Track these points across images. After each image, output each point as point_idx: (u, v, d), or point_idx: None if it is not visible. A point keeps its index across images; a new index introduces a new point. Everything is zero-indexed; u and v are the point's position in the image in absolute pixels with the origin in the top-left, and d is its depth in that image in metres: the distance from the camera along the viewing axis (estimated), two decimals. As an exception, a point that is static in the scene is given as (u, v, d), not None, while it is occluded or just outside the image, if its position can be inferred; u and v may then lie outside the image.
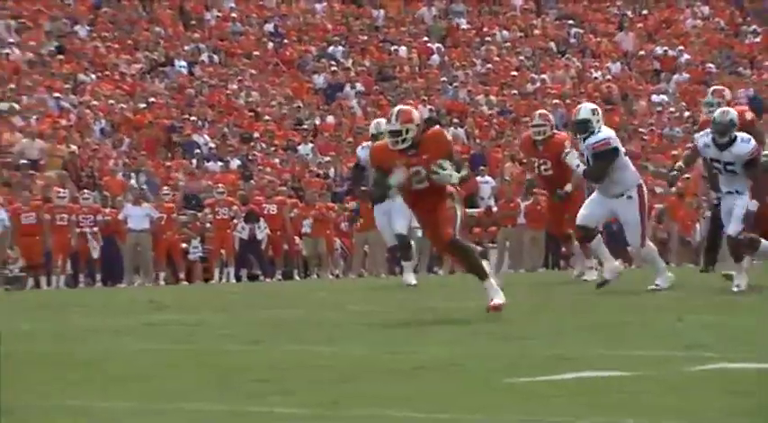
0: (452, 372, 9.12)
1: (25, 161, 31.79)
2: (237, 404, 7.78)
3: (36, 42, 38.89)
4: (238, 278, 31.82)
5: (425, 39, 46.26)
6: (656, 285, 17.44)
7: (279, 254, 32.62)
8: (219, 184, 32.78)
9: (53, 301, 22.83)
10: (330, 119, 40.22)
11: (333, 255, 32.95)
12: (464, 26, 47.87)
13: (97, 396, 8.42)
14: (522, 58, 46.71)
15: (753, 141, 16.86)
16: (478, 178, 35.37)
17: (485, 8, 49.24)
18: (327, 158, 37.41)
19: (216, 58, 42.57)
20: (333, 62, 43.93)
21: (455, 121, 40.98)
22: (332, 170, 36.75)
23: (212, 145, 37.07)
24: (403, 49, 45.27)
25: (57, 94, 36.19)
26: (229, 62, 42.52)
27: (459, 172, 13.10)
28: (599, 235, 17.96)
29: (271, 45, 43.98)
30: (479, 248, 22.20)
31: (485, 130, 41.12)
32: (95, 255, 30.31)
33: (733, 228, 16.77)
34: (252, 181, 34.22)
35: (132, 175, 33.39)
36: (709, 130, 16.79)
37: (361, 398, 7.82)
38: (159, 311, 17.63)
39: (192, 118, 38.44)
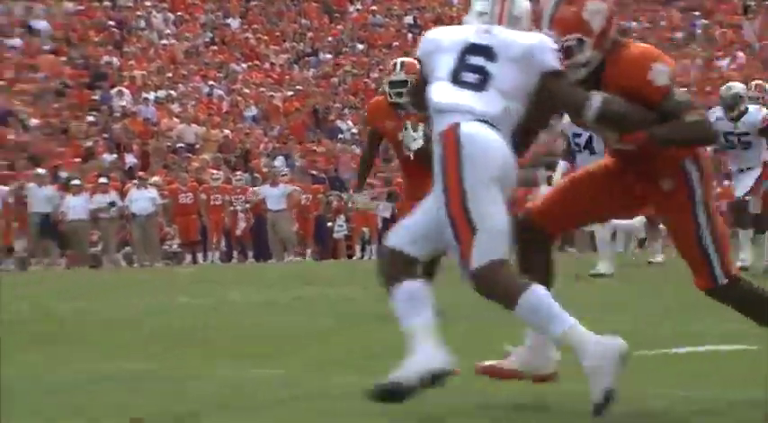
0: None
1: (182, 145, 32.26)
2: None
3: (192, 34, 39.58)
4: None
5: None
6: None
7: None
8: (362, 167, 32.55)
9: (209, 276, 23.00)
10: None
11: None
12: None
13: (248, 366, 8.37)
14: (649, 48, 46.02)
15: (765, 109, 16.87)
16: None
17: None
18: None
19: (359, 47, 42.81)
20: None
21: None
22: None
23: (355, 130, 37.21)
24: None
25: (211, 83, 36.70)
26: (371, 52, 42.70)
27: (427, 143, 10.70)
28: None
29: (410, 36, 43.80)
30: None
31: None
32: (238, 232, 30.77)
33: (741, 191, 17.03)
34: (392, 163, 34.52)
35: (280, 158, 33.71)
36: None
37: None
38: (308, 285, 17.54)
39: (337, 105, 38.77)
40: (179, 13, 40.36)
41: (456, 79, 5.94)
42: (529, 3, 6.20)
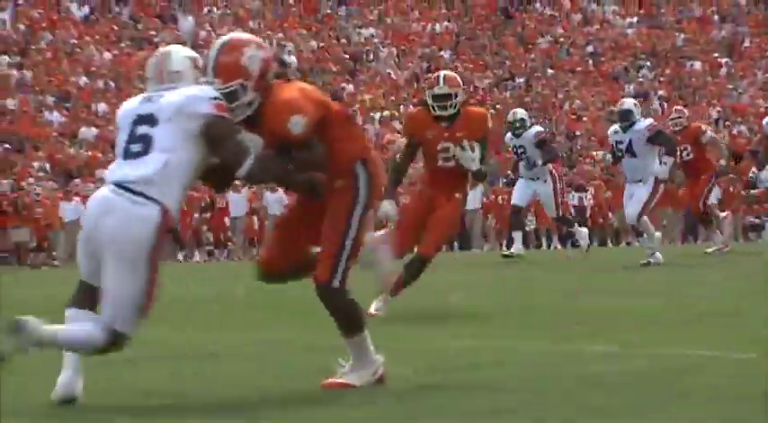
0: (732, 317, 8.96)
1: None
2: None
3: (411, 64, 40.21)
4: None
5: (716, 55, 45.18)
6: None
7: (595, 224, 32.28)
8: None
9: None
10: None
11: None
12: (747, 44, 46.66)
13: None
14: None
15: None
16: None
17: (763, 30, 47.44)
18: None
19: (549, 72, 42.60)
20: (640, 74, 43.62)
21: (738, 120, 39.87)
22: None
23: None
24: (697, 64, 44.46)
25: (429, 106, 37.27)
26: (559, 76, 42.46)
27: (482, 168, 9.88)
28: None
29: (590, 62, 43.91)
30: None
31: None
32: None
33: None
34: (574, 169, 34.81)
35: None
36: None
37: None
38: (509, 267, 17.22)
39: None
40: (402, 48, 41.03)
41: (126, 154, 5.65)
42: (190, 55, 6.02)
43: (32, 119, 32.25)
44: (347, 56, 39.29)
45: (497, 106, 38.73)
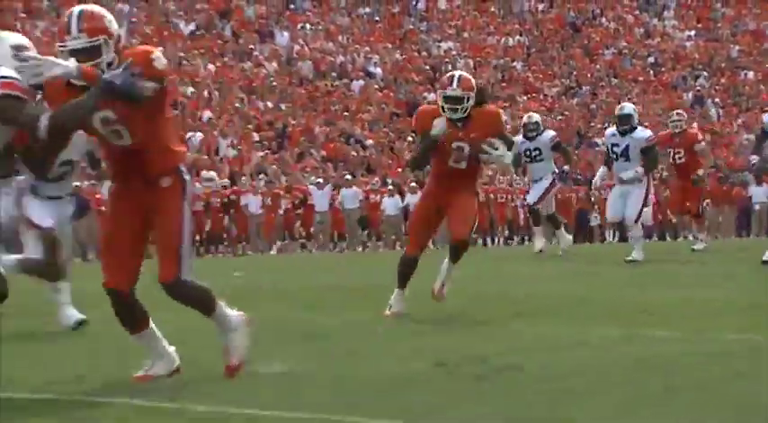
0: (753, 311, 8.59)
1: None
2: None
3: (485, 74, 39.60)
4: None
5: None
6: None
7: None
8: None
9: (498, 255, 22.52)
10: (695, 124, 40.15)
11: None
12: None
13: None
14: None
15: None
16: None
17: None
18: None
19: (613, 81, 42.42)
20: (697, 84, 43.31)
21: None
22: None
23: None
24: (751, 73, 44.10)
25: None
26: (622, 85, 42.25)
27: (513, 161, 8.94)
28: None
29: (651, 72, 43.71)
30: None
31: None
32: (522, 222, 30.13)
33: None
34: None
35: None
36: None
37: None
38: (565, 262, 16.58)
39: (592, 124, 38.68)
40: (477, 59, 40.81)
41: None
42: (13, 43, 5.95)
43: (144, 124, 32.61)
44: (428, 67, 39.18)
45: (565, 113, 38.75)
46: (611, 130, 16.36)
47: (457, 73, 8.65)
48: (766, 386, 5.15)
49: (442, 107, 8.61)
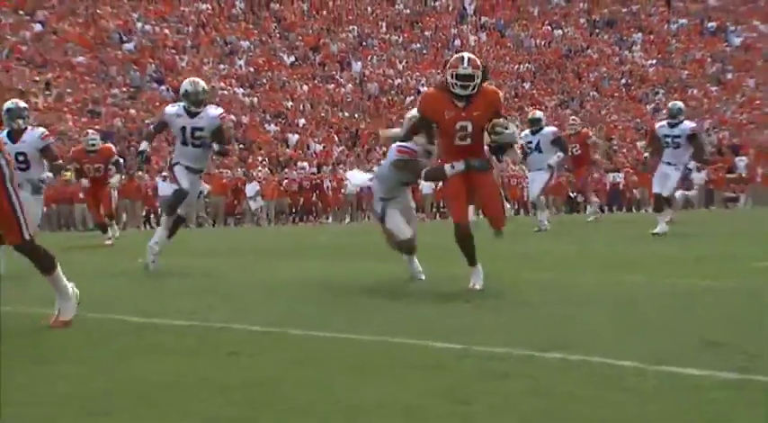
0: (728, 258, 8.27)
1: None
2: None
3: (502, 92, 39.65)
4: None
5: (708, 84, 43.27)
6: None
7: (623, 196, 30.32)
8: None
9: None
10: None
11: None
12: (729, 76, 44.03)
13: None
14: None
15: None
16: None
17: (738, 67, 45.14)
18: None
19: (596, 96, 41.36)
20: (656, 98, 41.84)
21: (723, 128, 37.93)
22: None
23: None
24: (695, 91, 42.63)
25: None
26: (602, 99, 41.23)
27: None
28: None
29: (624, 89, 42.55)
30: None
31: None
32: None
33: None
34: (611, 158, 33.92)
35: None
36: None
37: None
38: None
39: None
40: (497, 80, 39.72)
41: None
42: None
43: (257, 129, 32.75)
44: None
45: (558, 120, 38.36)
46: (526, 131, 15.54)
47: (465, 54, 6.76)
48: (698, 318, 4.97)
49: (454, 84, 6.56)
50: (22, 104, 9.52)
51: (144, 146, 9.26)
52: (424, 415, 2.94)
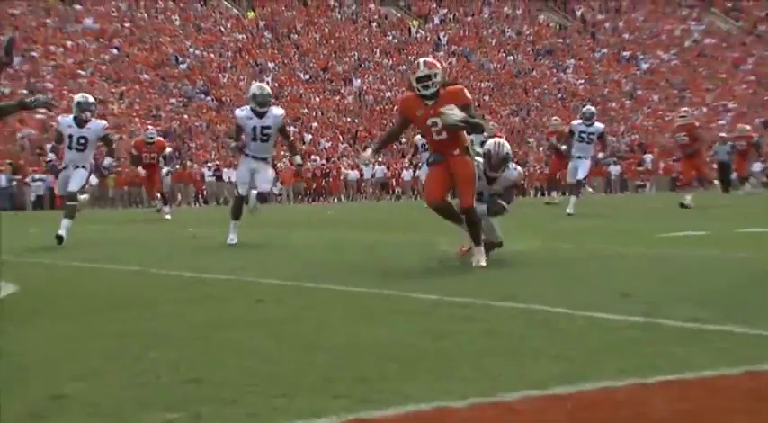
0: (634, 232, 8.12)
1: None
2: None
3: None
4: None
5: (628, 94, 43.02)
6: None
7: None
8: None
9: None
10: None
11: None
12: (639, 92, 43.74)
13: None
14: None
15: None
16: None
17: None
18: None
19: (539, 107, 40.63)
20: (585, 109, 41.97)
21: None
22: None
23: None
24: (614, 104, 42.11)
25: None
26: (544, 109, 40.32)
27: (472, 119, 5.64)
28: None
29: (560, 102, 41.79)
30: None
31: None
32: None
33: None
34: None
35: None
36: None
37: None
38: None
39: (528, 130, 37.56)
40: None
41: None
42: None
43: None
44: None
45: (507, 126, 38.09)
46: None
47: (422, 59, 5.92)
48: (614, 275, 4.84)
49: (417, 88, 5.77)
50: (91, 99, 8.80)
51: (233, 144, 8.38)
52: (410, 348, 2.96)
